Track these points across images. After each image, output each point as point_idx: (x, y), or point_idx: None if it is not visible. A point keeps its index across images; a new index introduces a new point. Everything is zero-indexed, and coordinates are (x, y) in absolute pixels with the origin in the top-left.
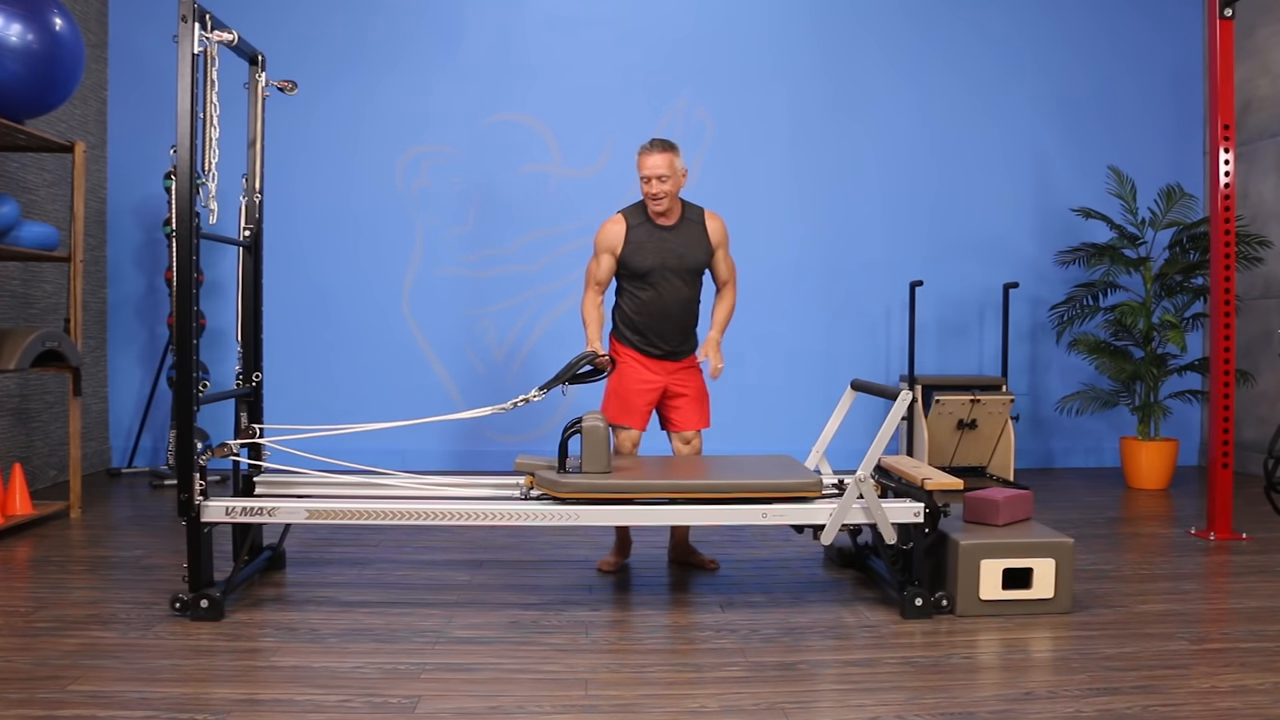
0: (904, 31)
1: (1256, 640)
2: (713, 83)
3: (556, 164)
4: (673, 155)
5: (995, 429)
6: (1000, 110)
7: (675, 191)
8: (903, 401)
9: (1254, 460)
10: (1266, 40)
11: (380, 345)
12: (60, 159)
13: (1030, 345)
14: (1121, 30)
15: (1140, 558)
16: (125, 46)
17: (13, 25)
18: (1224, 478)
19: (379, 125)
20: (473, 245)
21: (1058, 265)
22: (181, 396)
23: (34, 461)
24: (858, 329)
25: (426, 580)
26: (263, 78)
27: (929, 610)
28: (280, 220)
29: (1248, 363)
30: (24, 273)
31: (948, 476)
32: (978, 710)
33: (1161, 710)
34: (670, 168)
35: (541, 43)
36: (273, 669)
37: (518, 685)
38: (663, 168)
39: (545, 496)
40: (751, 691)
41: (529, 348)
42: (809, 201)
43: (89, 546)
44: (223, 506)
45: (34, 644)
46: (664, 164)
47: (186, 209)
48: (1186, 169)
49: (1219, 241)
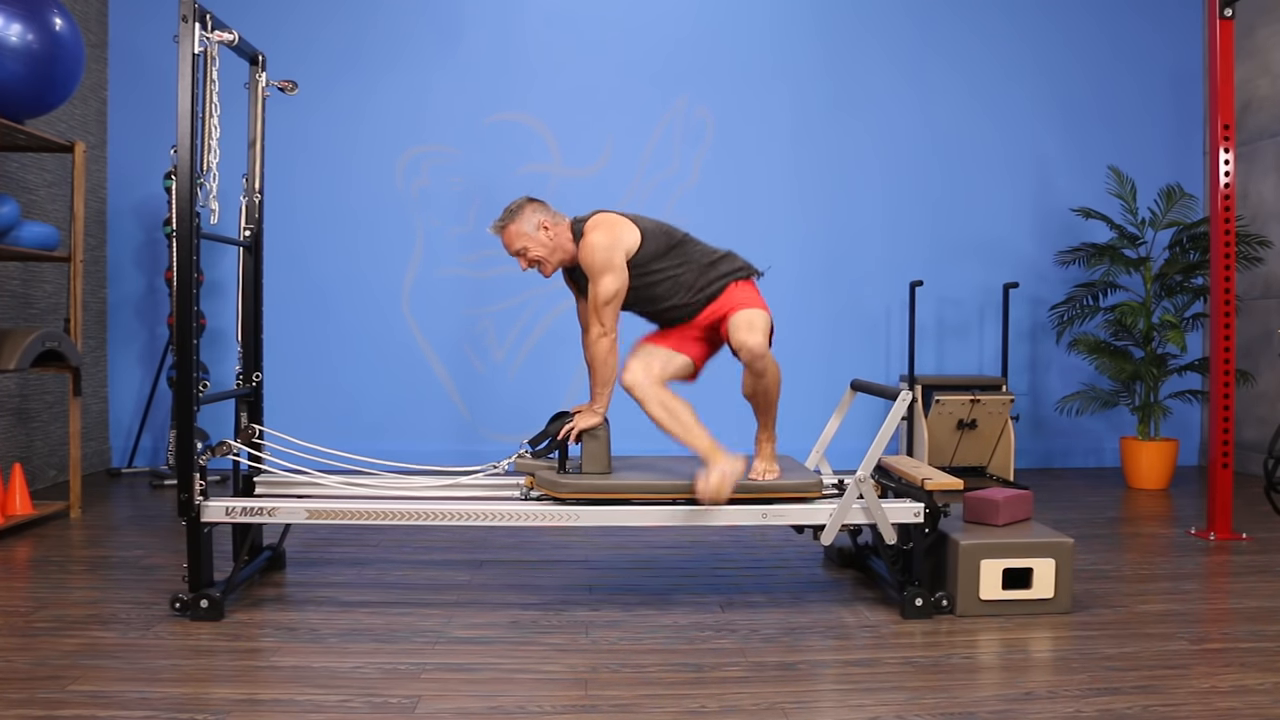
0: (905, 32)
1: (1256, 640)
2: (713, 82)
3: (556, 164)
4: (512, 226)
5: (995, 429)
6: (1001, 110)
7: (548, 253)
8: (903, 401)
9: (1254, 460)
10: (1266, 40)
11: (380, 345)
12: (60, 159)
13: (1030, 345)
14: (1121, 31)
15: (1140, 558)
16: (125, 46)
17: (13, 25)
18: (1224, 478)
19: (379, 125)
20: (473, 245)
21: (1058, 265)
22: (181, 396)
23: (34, 461)
24: (858, 329)
25: (426, 580)
26: (263, 78)
27: (929, 610)
28: (280, 220)
29: (1248, 363)
30: (24, 273)
31: (948, 476)
32: (978, 710)
33: (1161, 710)
34: (520, 239)
35: (541, 42)
36: (273, 669)
37: (518, 685)
38: (513, 244)
39: (545, 497)
40: (751, 691)
41: (529, 348)
42: (809, 201)
43: (89, 546)
44: (223, 506)
45: (34, 644)
46: (510, 240)
47: (186, 209)
48: (1186, 169)
49: (1219, 241)
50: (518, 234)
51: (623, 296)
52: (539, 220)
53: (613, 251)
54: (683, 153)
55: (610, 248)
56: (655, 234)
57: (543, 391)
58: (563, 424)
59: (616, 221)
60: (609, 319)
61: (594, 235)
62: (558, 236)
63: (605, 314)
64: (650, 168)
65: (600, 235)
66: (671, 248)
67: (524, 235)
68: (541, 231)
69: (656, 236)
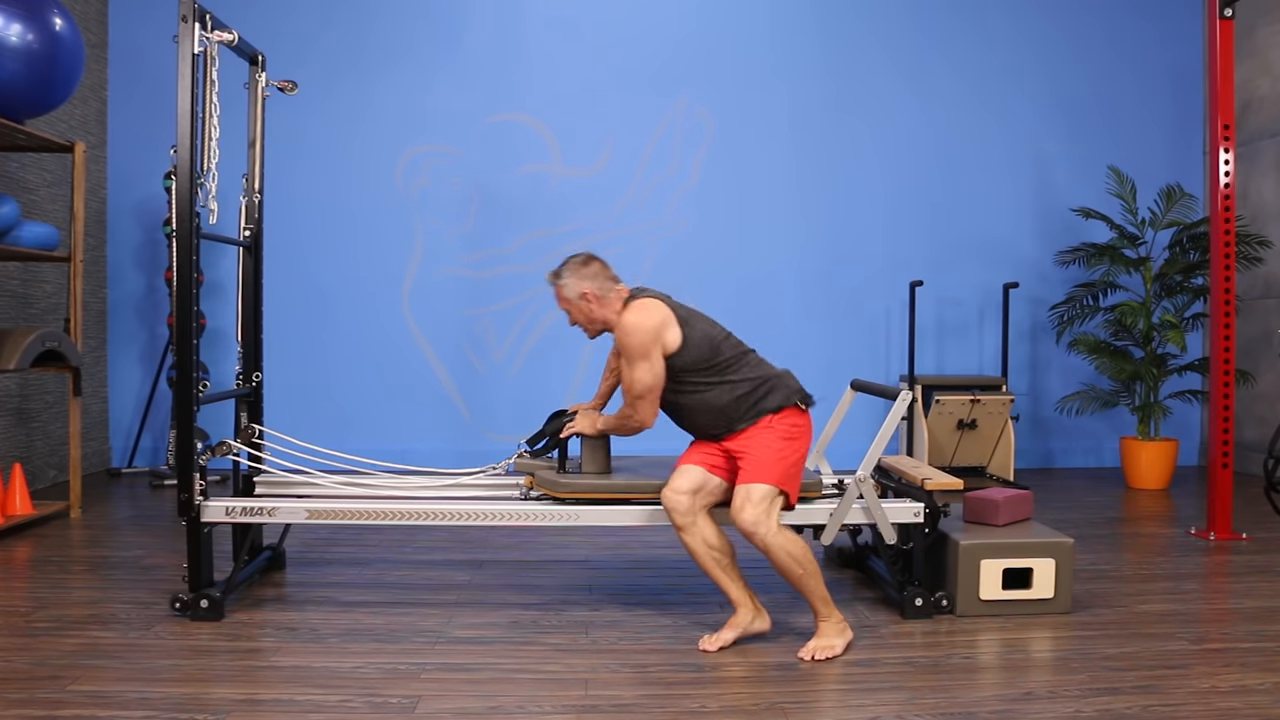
0: (905, 31)
1: (1256, 640)
2: (713, 82)
3: (556, 164)
4: (559, 287)
5: (995, 429)
6: (1001, 110)
7: (586, 321)
8: (903, 401)
9: (1254, 460)
10: (1266, 40)
11: (380, 345)
12: (60, 159)
13: (1030, 345)
14: (1122, 30)
15: (1140, 558)
16: (125, 46)
17: (13, 25)
18: (1224, 478)
19: (379, 125)
20: (473, 245)
21: (1058, 265)
22: (181, 396)
23: (34, 461)
24: (858, 329)
25: (426, 580)
26: (263, 78)
27: (929, 610)
28: (280, 220)
29: (1248, 363)
30: (24, 273)
31: (948, 476)
32: (978, 710)
33: (1161, 710)
34: (564, 301)
35: (541, 43)
36: (273, 669)
37: (518, 685)
38: (560, 302)
39: (545, 496)
40: (751, 691)
41: (529, 348)
42: (809, 202)
43: (89, 546)
44: (223, 506)
45: (34, 644)
46: (557, 297)
47: (186, 209)
48: (1186, 169)
49: (1219, 241)
50: (561, 295)
51: (659, 390)
52: (581, 291)
53: (649, 342)
54: (683, 153)
55: (648, 336)
56: (699, 344)
57: (543, 391)
58: (561, 423)
59: (661, 313)
60: (643, 411)
61: (631, 316)
62: (600, 308)
63: (639, 407)
64: (650, 168)
65: (638, 318)
66: (713, 365)
67: (565, 299)
68: (582, 301)
69: (699, 347)
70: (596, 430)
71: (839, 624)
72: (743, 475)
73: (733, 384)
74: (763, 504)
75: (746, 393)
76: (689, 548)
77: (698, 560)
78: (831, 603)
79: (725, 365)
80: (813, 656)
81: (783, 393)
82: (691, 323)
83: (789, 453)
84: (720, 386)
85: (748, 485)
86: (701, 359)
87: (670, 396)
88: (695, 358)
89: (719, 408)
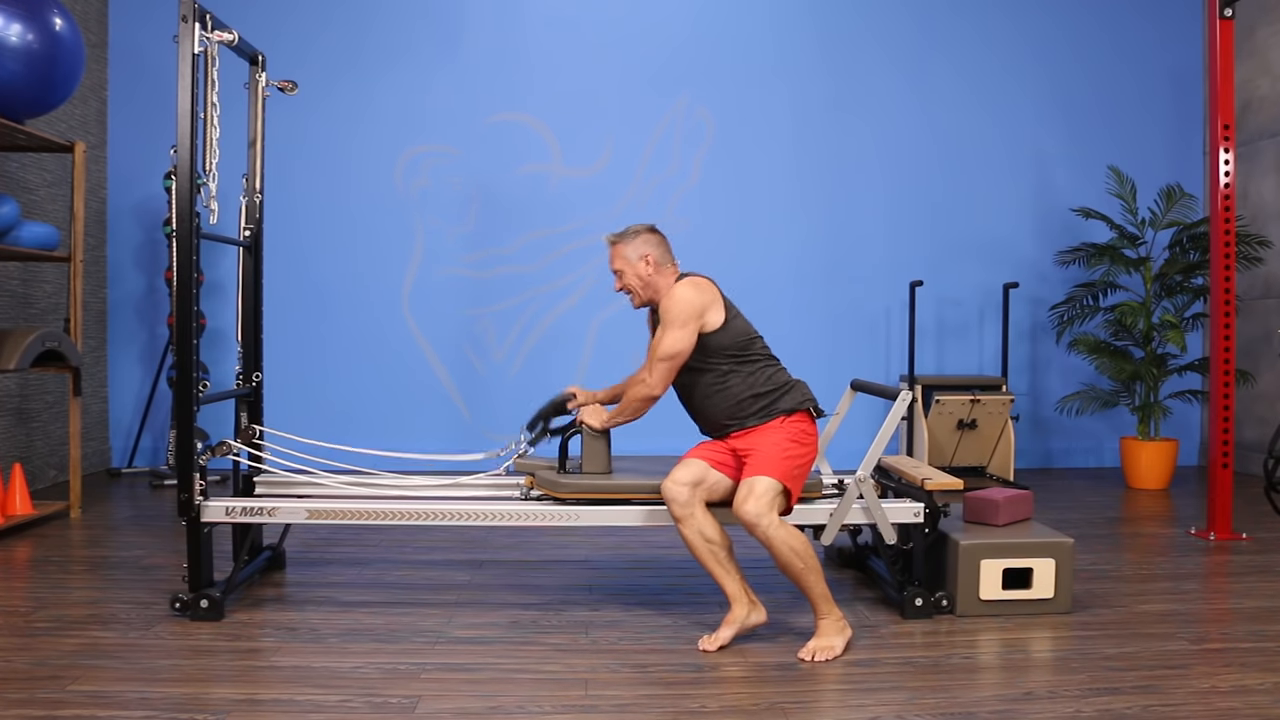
0: (905, 31)
1: (1256, 640)
2: (714, 82)
3: (557, 164)
4: (620, 246)
5: (995, 429)
6: (1001, 110)
7: (640, 285)
8: (903, 401)
9: (1254, 460)
10: (1266, 40)
11: (380, 345)
12: (60, 159)
13: (1030, 345)
14: (1122, 31)
15: (1140, 558)
16: (125, 46)
17: (13, 25)
18: (1224, 478)
19: (379, 125)
20: (473, 245)
21: (1058, 265)
22: (181, 396)
23: (34, 461)
24: (858, 329)
25: (426, 580)
26: (263, 78)
27: (929, 610)
28: (280, 220)
29: (1248, 363)
30: (24, 273)
31: (948, 476)
32: (978, 710)
33: (1161, 710)
34: (621, 260)
35: (541, 43)
36: (273, 669)
37: (518, 685)
38: (614, 262)
39: (545, 497)
40: (751, 691)
41: (529, 348)
42: (810, 202)
43: (89, 546)
44: (223, 506)
45: (34, 644)
46: (613, 257)
47: (186, 209)
48: (1186, 169)
49: (1219, 241)
50: (619, 255)
51: (681, 362)
52: (644, 253)
53: (692, 314)
54: (683, 153)
55: (694, 308)
56: (736, 332)
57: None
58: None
59: (712, 293)
60: (659, 375)
61: (683, 289)
62: (655, 275)
63: (658, 370)
64: (650, 168)
65: (691, 292)
66: (742, 355)
67: (624, 258)
68: (641, 263)
69: (735, 335)
70: (603, 424)
71: (838, 622)
72: (748, 469)
73: (753, 378)
74: (766, 497)
75: (763, 391)
76: (686, 539)
77: (694, 552)
78: (832, 600)
79: (751, 359)
80: (813, 657)
81: (797, 398)
82: (735, 312)
83: (796, 454)
84: (741, 375)
85: (752, 478)
86: (734, 345)
87: (690, 376)
88: (728, 342)
89: (735, 398)
